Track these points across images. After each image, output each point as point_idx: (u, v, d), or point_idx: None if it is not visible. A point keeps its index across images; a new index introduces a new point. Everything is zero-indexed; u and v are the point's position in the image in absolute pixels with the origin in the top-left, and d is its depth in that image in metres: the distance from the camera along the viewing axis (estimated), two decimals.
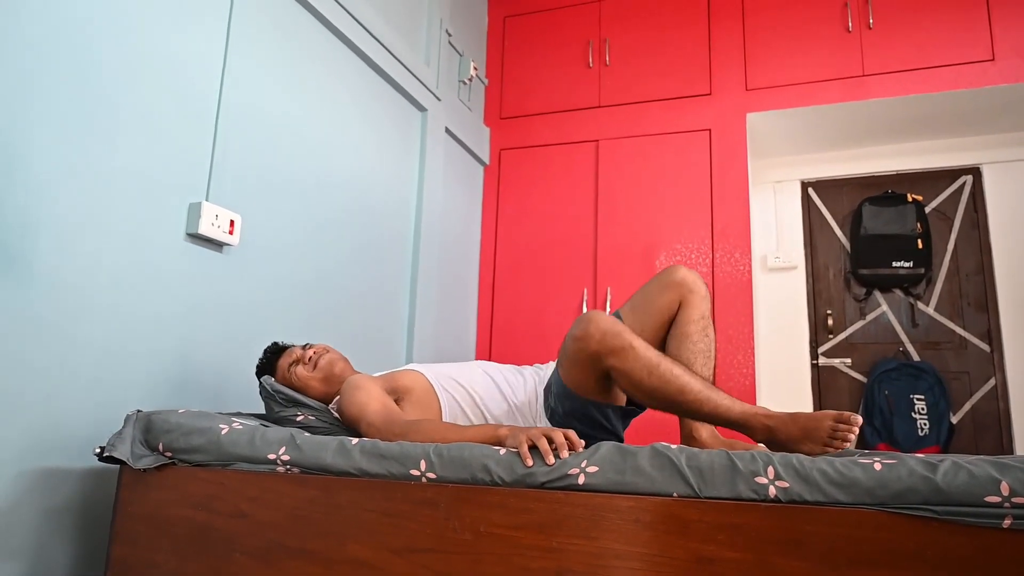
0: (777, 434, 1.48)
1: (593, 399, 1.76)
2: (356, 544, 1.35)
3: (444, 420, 1.86)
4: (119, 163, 1.84)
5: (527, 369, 2.03)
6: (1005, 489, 1.02)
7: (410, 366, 1.98)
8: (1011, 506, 1.01)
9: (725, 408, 1.55)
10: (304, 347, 2.02)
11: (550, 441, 1.33)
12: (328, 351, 2.01)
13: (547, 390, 1.88)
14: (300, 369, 1.96)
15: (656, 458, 1.23)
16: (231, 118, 2.22)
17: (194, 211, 2.04)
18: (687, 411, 1.59)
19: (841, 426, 1.40)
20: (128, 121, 1.87)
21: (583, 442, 1.33)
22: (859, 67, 3.56)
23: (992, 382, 3.77)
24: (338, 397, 1.85)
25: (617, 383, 1.67)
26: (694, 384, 1.57)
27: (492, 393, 1.91)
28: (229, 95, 2.21)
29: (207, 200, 2.11)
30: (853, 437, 1.39)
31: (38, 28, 1.65)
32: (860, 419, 1.40)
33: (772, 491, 1.14)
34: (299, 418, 1.85)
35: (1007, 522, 1.01)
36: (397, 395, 1.85)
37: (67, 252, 1.70)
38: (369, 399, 1.72)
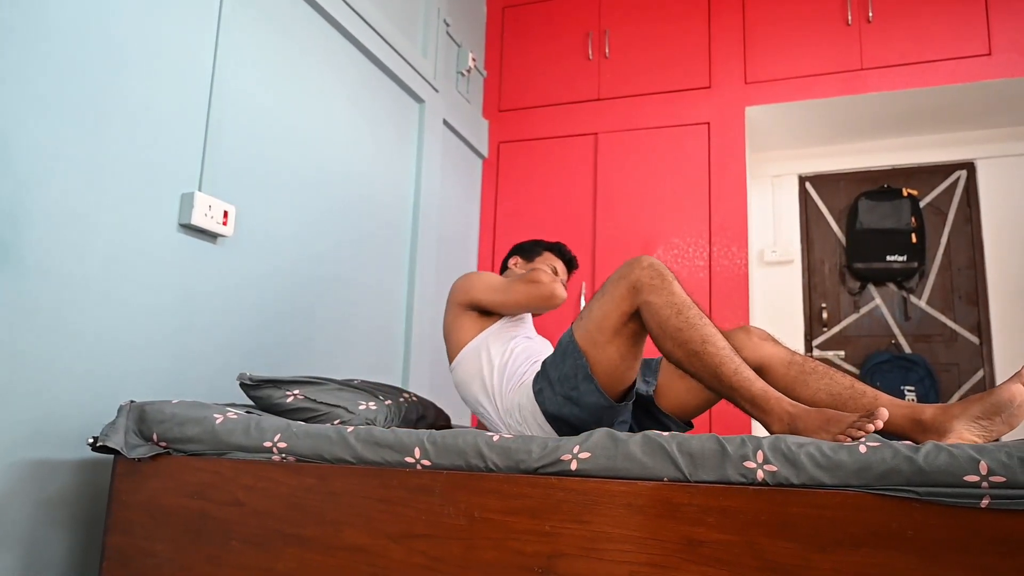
0: (798, 422, 1.42)
1: (592, 373, 1.72)
2: (353, 530, 1.37)
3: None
4: (110, 152, 1.83)
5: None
6: (983, 469, 1.04)
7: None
8: (989, 486, 1.03)
9: (745, 378, 1.49)
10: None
11: None
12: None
13: (542, 374, 1.86)
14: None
15: (647, 444, 1.25)
16: (223, 107, 2.20)
17: (187, 201, 2.03)
18: (706, 368, 1.52)
19: (861, 419, 1.32)
20: (118, 109, 1.86)
21: None
22: (858, 61, 3.57)
23: (980, 374, 3.81)
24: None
25: (646, 324, 1.63)
26: (719, 339, 1.52)
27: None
28: (221, 83, 2.20)
29: (200, 191, 2.09)
30: (871, 428, 1.28)
31: (27, 16, 1.64)
32: (886, 413, 1.31)
33: (760, 475, 1.16)
34: (289, 399, 1.82)
35: (985, 502, 1.03)
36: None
37: (59, 242, 1.69)
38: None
